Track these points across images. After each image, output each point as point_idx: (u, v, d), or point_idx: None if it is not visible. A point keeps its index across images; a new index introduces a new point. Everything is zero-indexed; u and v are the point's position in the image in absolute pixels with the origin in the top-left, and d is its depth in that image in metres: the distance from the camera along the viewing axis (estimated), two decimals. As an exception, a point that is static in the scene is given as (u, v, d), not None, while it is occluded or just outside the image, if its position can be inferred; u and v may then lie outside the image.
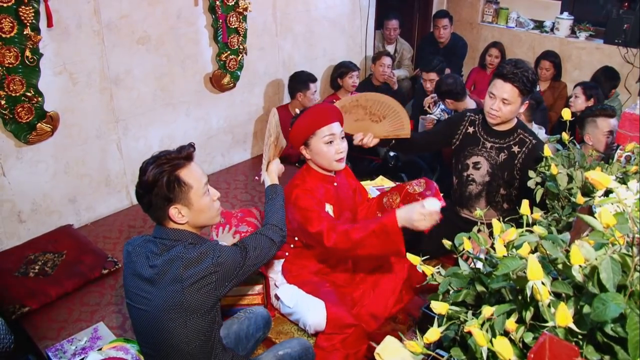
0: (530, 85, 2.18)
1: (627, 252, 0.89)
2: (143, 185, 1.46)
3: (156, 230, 1.54)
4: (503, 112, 2.24)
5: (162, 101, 3.18)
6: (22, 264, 2.55)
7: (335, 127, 2.01)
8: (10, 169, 2.62)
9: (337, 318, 2.00)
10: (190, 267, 1.41)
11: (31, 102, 2.51)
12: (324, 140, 2.00)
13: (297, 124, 2.03)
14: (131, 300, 1.53)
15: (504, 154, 2.36)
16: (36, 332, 2.25)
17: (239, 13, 3.26)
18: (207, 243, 1.50)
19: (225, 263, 1.46)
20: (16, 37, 2.36)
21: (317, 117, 2.01)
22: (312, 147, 2.04)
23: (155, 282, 1.44)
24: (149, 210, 1.50)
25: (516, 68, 2.16)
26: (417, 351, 1.04)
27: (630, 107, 1.88)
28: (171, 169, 1.46)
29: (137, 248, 1.52)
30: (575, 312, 0.92)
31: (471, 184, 2.47)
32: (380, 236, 1.85)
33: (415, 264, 1.24)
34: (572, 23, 4.50)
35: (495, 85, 2.23)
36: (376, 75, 4.18)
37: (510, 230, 1.10)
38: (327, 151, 2.02)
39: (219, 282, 1.45)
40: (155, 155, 1.50)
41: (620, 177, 1.56)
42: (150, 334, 1.49)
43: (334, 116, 2.04)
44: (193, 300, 1.41)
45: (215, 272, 1.43)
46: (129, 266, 1.53)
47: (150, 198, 1.46)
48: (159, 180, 1.44)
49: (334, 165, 2.07)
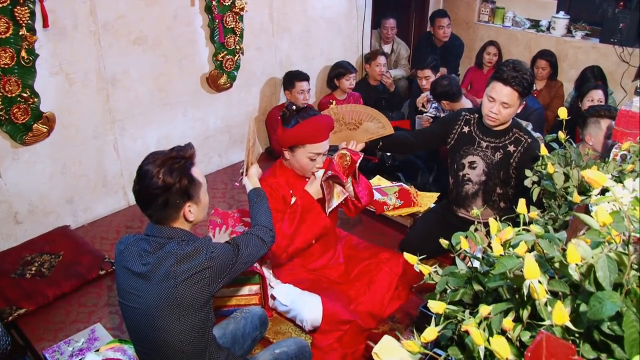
0: (529, 87, 2.18)
1: (624, 251, 0.89)
2: (157, 185, 1.44)
3: (149, 228, 1.54)
4: (502, 115, 2.23)
5: (159, 101, 3.17)
6: (18, 265, 2.54)
7: (323, 145, 2.05)
8: (6, 169, 2.61)
9: (333, 314, 2.01)
10: (184, 263, 1.42)
11: (27, 102, 2.50)
12: (309, 155, 2.04)
13: (292, 131, 2.02)
14: (123, 299, 1.52)
15: (500, 153, 2.35)
16: (33, 334, 2.24)
17: (236, 13, 3.25)
18: (200, 239, 1.51)
19: (218, 258, 1.47)
20: (12, 38, 2.35)
21: (314, 133, 2.01)
22: (296, 155, 2.07)
23: (148, 279, 1.44)
24: (163, 209, 1.48)
25: (515, 71, 2.14)
26: (415, 350, 1.04)
27: (627, 105, 1.88)
28: (187, 167, 1.49)
29: (130, 247, 1.53)
30: (572, 311, 0.92)
31: (467, 184, 2.47)
32: (305, 216, 2.02)
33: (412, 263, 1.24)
34: (568, 22, 4.51)
35: (495, 89, 2.20)
36: (373, 75, 4.19)
37: (507, 229, 1.10)
38: (307, 164, 2.07)
39: (212, 277, 1.45)
40: (161, 156, 1.48)
41: (617, 175, 1.56)
42: (143, 332, 1.49)
43: (326, 133, 2.07)
44: (186, 295, 1.42)
45: (209, 267, 1.44)
46: (121, 264, 1.53)
47: (167, 197, 1.45)
48: (181, 178, 1.45)
49: (307, 175, 2.14)
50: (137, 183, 1.49)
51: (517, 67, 2.16)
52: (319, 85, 4.26)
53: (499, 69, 2.21)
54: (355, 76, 3.92)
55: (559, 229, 1.48)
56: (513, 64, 2.17)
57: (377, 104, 4.21)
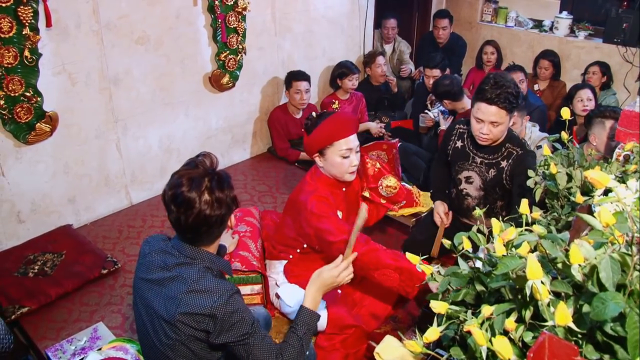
0: (516, 100, 2.06)
1: (627, 251, 0.89)
2: (210, 206, 1.35)
3: (175, 242, 1.47)
4: (494, 134, 2.14)
5: (161, 101, 3.18)
6: (21, 264, 2.55)
7: (352, 140, 1.98)
8: (9, 169, 2.62)
9: (338, 318, 2.00)
10: (192, 296, 1.34)
11: (30, 102, 2.50)
12: (340, 153, 1.97)
13: (316, 132, 1.97)
14: (135, 302, 1.53)
15: (494, 170, 2.27)
16: (36, 333, 2.25)
17: (238, 13, 3.25)
18: (222, 283, 1.40)
19: (228, 314, 1.34)
20: (15, 37, 2.35)
21: (337, 128, 1.96)
22: (327, 157, 2.00)
23: (162, 285, 1.42)
24: (208, 234, 1.40)
25: (497, 87, 2.02)
26: (417, 351, 1.04)
27: (630, 105, 1.87)
28: (226, 178, 1.42)
29: (154, 254, 1.47)
30: (575, 311, 0.92)
31: (467, 198, 2.41)
32: (404, 275, 1.83)
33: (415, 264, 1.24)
34: (571, 22, 4.50)
35: (480, 110, 2.09)
36: (375, 76, 4.19)
37: (509, 230, 1.10)
38: (342, 164, 1.99)
39: (212, 327, 1.35)
40: (195, 175, 1.38)
41: (620, 176, 1.56)
42: (146, 339, 1.50)
43: (352, 128, 2.00)
44: (183, 326, 1.35)
45: (213, 315, 1.34)
46: (141, 269, 1.49)
47: (222, 212, 1.38)
48: (228, 189, 1.39)
49: (346, 177, 2.05)
50: (181, 213, 1.36)
51: (499, 82, 2.03)
52: (321, 85, 4.26)
53: (481, 89, 2.09)
54: (358, 76, 3.92)
55: (561, 229, 1.47)
56: (494, 80, 2.05)
57: (380, 104, 4.21)
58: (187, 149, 3.42)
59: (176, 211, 1.36)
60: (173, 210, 1.37)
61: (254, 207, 2.65)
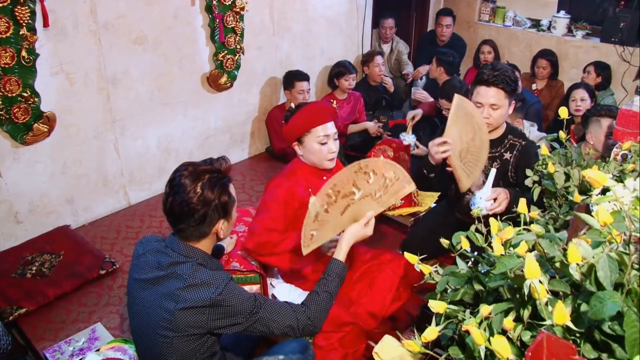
0: (514, 84, 2.12)
1: (624, 250, 0.89)
2: (196, 200, 1.38)
3: (170, 241, 1.49)
4: (494, 118, 2.16)
5: (159, 101, 3.17)
6: (19, 264, 2.54)
7: (329, 127, 2.03)
8: (7, 169, 2.61)
9: (335, 316, 2.00)
10: (189, 291, 1.36)
11: (27, 102, 2.50)
12: (318, 139, 2.02)
13: (293, 120, 2.03)
14: (129, 301, 1.52)
15: (497, 163, 2.28)
16: (34, 333, 2.24)
17: (236, 12, 3.25)
18: (217, 273, 1.42)
19: (226, 302, 1.37)
20: (12, 37, 2.35)
21: (313, 116, 2.01)
22: (305, 144, 2.05)
23: (153, 287, 1.42)
24: (198, 225, 1.42)
25: (495, 70, 2.09)
26: (415, 350, 1.04)
27: (627, 104, 1.88)
28: (226, 184, 1.44)
29: (148, 255, 1.48)
30: (573, 311, 0.92)
31: (467, 194, 2.39)
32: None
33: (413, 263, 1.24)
34: (568, 22, 4.51)
35: (480, 93, 2.14)
36: (372, 76, 4.19)
37: (507, 229, 1.10)
38: (320, 150, 2.04)
39: (213, 316, 1.38)
40: (197, 168, 1.42)
41: (617, 175, 1.56)
42: (141, 339, 1.50)
43: (329, 115, 2.05)
44: (182, 322, 1.36)
45: (212, 305, 1.36)
46: (135, 269, 1.50)
47: (206, 211, 1.40)
48: (221, 194, 1.41)
49: (325, 164, 2.09)
50: (170, 195, 1.41)
51: (496, 66, 2.11)
52: (319, 85, 4.26)
53: (479, 73, 2.15)
54: (355, 77, 3.92)
55: (559, 228, 1.48)
56: (491, 65, 2.13)
57: (378, 103, 4.21)
58: (186, 149, 3.42)
59: (168, 192, 1.42)
60: (167, 191, 1.43)
61: (252, 207, 2.65)
